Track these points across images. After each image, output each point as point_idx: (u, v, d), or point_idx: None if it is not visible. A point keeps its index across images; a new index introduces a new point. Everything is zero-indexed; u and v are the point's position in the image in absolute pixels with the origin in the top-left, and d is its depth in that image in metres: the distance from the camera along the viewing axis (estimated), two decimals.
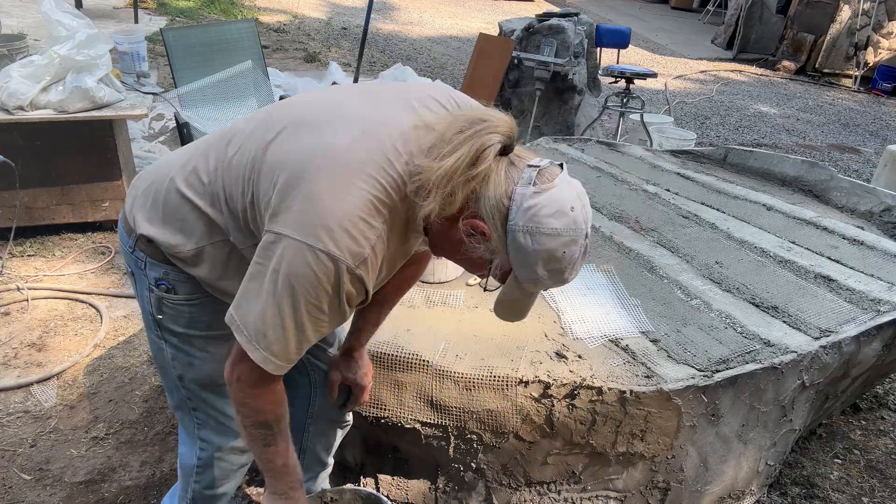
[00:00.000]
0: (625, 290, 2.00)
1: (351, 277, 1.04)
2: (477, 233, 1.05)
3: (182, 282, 1.25)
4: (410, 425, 1.71)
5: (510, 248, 1.04)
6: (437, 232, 1.11)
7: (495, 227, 1.04)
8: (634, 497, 1.78)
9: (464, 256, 1.11)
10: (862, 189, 2.70)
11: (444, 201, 1.03)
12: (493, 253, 1.07)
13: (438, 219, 1.06)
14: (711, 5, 12.56)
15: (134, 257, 1.26)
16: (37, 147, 3.10)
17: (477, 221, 1.05)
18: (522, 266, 1.06)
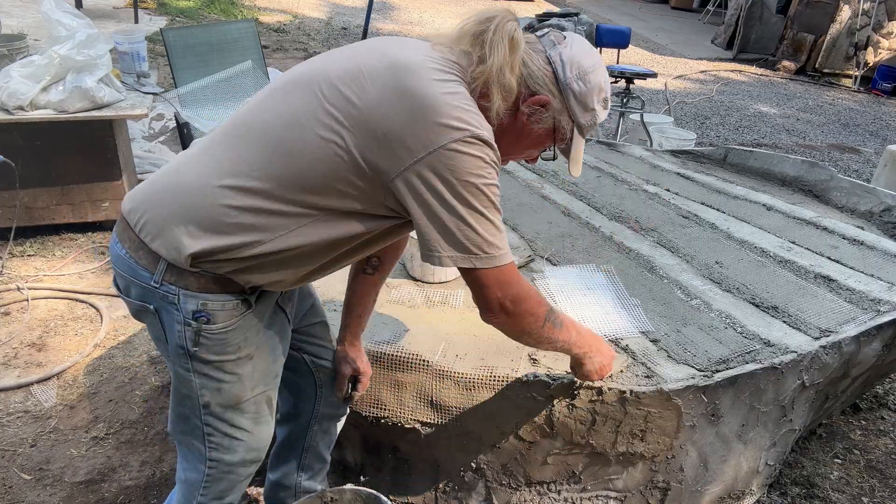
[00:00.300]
0: (625, 290, 2.00)
1: (490, 146, 1.12)
2: (539, 105, 1.20)
3: (220, 310, 1.20)
4: (410, 425, 1.71)
5: (570, 102, 1.21)
6: (505, 128, 1.21)
7: (551, 91, 1.20)
8: (634, 497, 1.78)
9: (532, 138, 1.24)
10: (862, 189, 2.70)
11: (505, 94, 1.15)
12: (558, 115, 1.21)
13: (502, 114, 1.18)
14: (711, 5, 12.56)
15: (161, 292, 1.19)
16: (37, 147, 3.10)
17: (537, 97, 1.19)
18: (584, 110, 1.22)
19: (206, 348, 1.23)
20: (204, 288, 1.19)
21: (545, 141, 1.26)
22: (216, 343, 1.23)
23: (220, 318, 1.21)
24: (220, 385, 1.27)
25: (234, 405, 1.31)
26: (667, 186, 2.82)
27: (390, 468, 1.86)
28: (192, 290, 1.18)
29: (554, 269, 2.11)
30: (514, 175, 2.87)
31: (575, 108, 1.21)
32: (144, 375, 2.49)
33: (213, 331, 1.21)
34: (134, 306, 1.26)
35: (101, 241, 3.38)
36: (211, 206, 1.15)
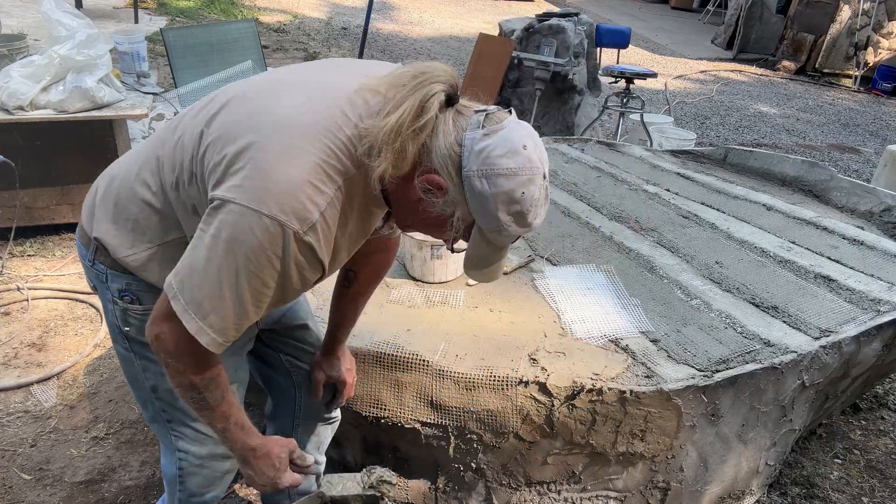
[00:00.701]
0: (625, 289, 2.00)
1: (299, 245, 1.00)
2: (433, 187, 1.02)
3: (145, 291, 1.20)
4: (410, 425, 1.71)
5: (469, 197, 1.02)
6: (394, 195, 1.08)
7: (450, 176, 1.02)
8: (634, 497, 1.78)
9: (426, 218, 1.07)
10: (862, 189, 2.70)
11: (395, 159, 1.00)
12: (454, 206, 1.04)
13: (393, 179, 1.02)
14: (711, 5, 12.56)
15: (95, 271, 1.23)
16: (37, 147, 3.10)
17: (432, 176, 1.02)
18: (484, 214, 1.02)
19: (137, 329, 1.23)
20: (134, 269, 1.19)
21: (444, 229, 1.08)
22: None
23: (146, 299, 1.21)
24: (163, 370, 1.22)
25: None
26: (667, 186, 2.82)
27: (390, 468, 1.86)
28: (117, 270, 1.20)
29: (554, 269, 2.11)
30: None
31: (473, 207, 1.02)
32: None
33: (140, 312, 1.22)
34: (91, 290, 1.31)
35: None
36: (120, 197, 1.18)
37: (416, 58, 8.08)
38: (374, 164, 1.01)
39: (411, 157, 1.01)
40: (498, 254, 1.11)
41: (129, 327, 1.24)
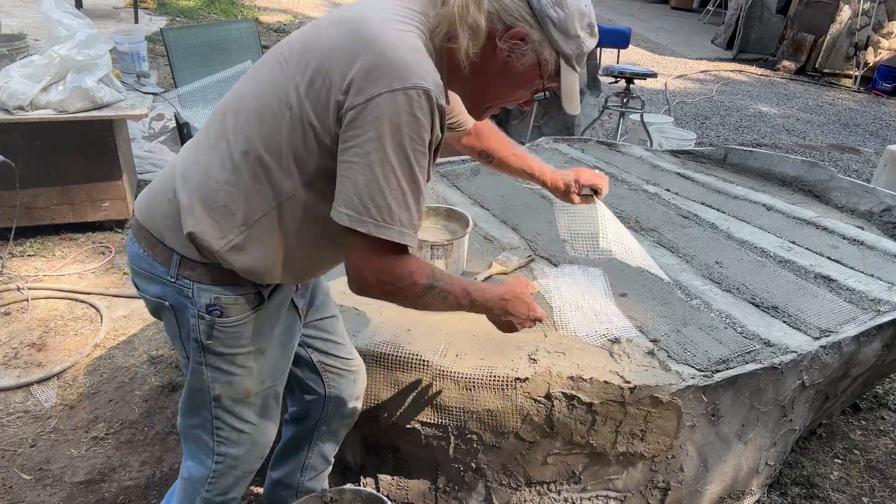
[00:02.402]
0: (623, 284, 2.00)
1: (436, 107, 1.07)
2: (517, 40, 1.12)
3: (232, 304, 1.23)
4: (410, 425, 1.71)
5: (549, 31, 1.13)
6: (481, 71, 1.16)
7: (528, 22, 1.12)
8: (634, 497, 1.78)
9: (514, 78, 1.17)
10: (862, 189, 2.70)
11: (471, 32, 1.10)
12: (539, 48, 1.14)
13: (476, 55, 1.12)
14: (711, 5, 12.56)
15: (178, 287, 1.22)
16: (37, 147, 3.10)
17: (513, 30, 1.12)
18: (566, 38, 1.14)
19: (220, 341, 1.25)
20: (217, 281, 1.21)
21: (532, 79, 1.19)
22: (229, 336, 1.25)
23: (232, 311, 1.23)
24: (231, 378, 1.30)
25: (244, 398, 1.33)
26: (667, 186, 2.82)
27: (390, 468, 1.86)
28: (205, 283, 1.21)
29: (554, 269, 2.11)
30: None
31: (556, 37, 1.14)
32: (144, 375, 2.49)
33: (225, 324, 1.24)
34: (152, 304, 1.29)
35: (101, 241, 3.39)
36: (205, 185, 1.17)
37: None
38: (455, 44, 1.11)
39: (484, 26, 1.11)
40: (577, 80, 1.22)
41: (212, 340, 1.25)
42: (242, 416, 1.35)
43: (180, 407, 1.38)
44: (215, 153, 1.18)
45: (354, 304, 1.86)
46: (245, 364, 1.30)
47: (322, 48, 1.10)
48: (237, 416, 1.35)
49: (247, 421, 1.36)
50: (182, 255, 1.20)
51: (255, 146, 1.14)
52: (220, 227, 1.17)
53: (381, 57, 1.04)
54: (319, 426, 1.63)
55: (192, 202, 1.18)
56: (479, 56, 1.13)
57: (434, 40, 1.13)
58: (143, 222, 1.25)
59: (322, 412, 1.61)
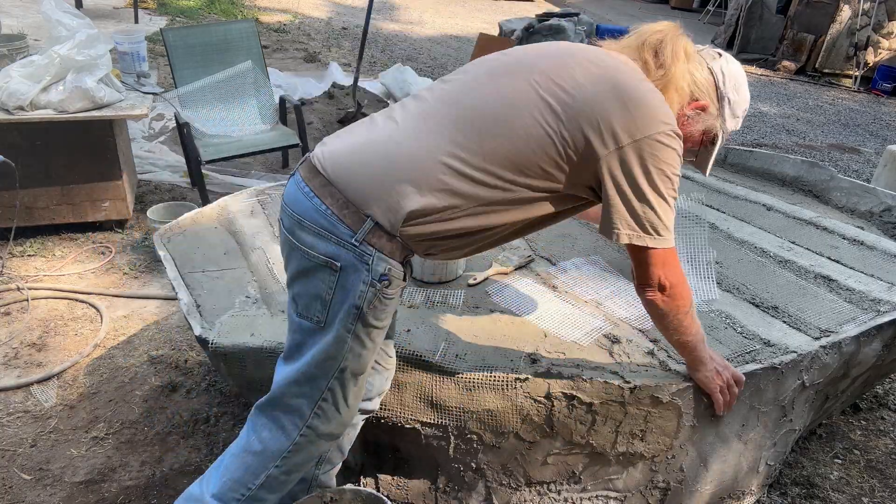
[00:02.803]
0: (624, 279, 2.00)
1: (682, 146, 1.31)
2: (699, 109, 1.40)
3: (397, 277, 1.30)
4: (410, 425, 1.71)
5: (724, 108, 1.42)
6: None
7: (711, 98, 1.41)
8: (634, 497, 1.78)
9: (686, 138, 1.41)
10: (862, 189, 2.70)
11: (679, 97, 1.37)
12: (712, 120, 1.42)
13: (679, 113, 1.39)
14: (711, 5, 12.56)
15: (360, 251, 1.26)
16: (37, 147, 3.10)
17: (698, 102, 1.40)
18: (733, 118, 1.44)
19: (376, 311, 1.31)
20: (392, 253, 1.28)
21: (696, 143, 1.46)
22: (383, 308, 1.32)
23: (394, 284, 1.31)
24: (363, 352, 1.35)
25: (359, 374, 1.39)
26: None
27: (390, 468, 1.86)
28: (384, 253, 1.27)
29: (553, 267, 2.11)
30: None
31: (727, 114, 1.42)
32: (144, 375, 2.49)
33: (387, 295, 1.31)
34: (315, 261, 1.30)
35: (101, 241, 3.39)
36: (432, 174, 1.26)
37: (416, 58, 8.08)
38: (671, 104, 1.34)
39: (688, 93, 1.39)
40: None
41: (371, 309, 1.30)
42: (348, 391, 1.40)
43: (289, 374, 1.38)
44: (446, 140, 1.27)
45: None
46: (375, 339, 1.36)
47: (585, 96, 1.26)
48: (345, 391, 1.39)
49: (346, 398, 1.41)
50: (377, 223, 1.25)
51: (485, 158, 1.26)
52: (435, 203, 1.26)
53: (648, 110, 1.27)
54: None
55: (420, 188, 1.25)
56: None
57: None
58: (339, 181, 1.27)
59: None
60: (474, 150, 1.26)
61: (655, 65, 1.35)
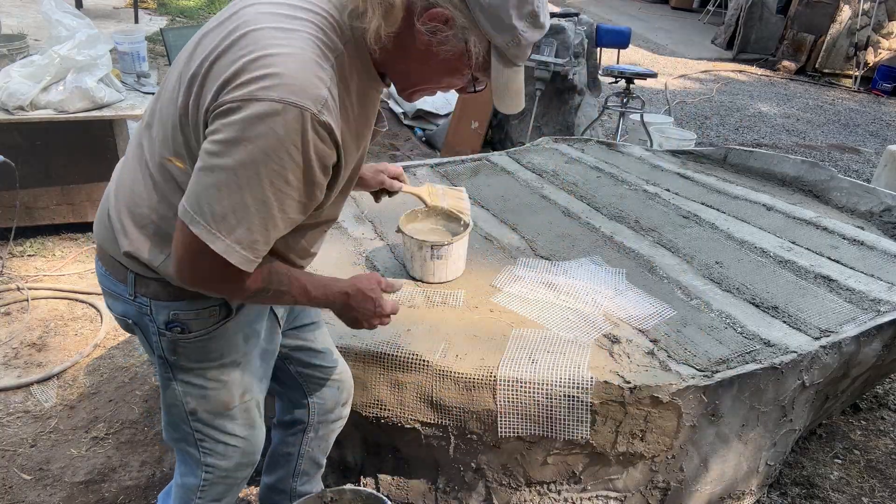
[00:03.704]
0: (623, 280, 2.00)
1: (316, 127, 0.95)
2: (439, 22, 0.98)
3: (194, 319, 1.18)
4: (410, 425, 1.71)
5: (477, 17, 0.98)
6: (397, 56, 1.04)
7: (452, 2, 0.98)
8: (634, 497, 1.78)
9: (438, 64, 1.03)
10: (862, 189, 2.70)
11: (384, 11, 0.97)
12: (465, 34, 1.00)
13: (392, 35, 0.99)
14: (711, 5, 12.56)
15: (137, 305, 1.17)
16: (37, 147, 3.10)
17: (434, 10, 0.98)
18: (499, 27, 0.99)
19: (185, 357, 1.21)
20: (175, 296, 1.15)
21: (460, 68, 1.05)
22: (195, 351, 1.21)
23: (195, 326, 1.19)
24: (205, 392, 1.26)
25: (222, 412, 1.30)
26: (667, 186, 2.82)
27: (390, 468, 1.86)
28: (162, 299, 1.16)
29: (553, 266, 2.11)
30: (515, 175, 2.87)
31: (485, 24, 0.99)
32: (144, 375, 2.49)
33: (189, 339, 1.19)
34: (121, 322, 1.27)
35: None
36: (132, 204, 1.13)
37: None
38: (365, 24, 0.98)
39: (399, 5, 0.98)
40: (518, 75, 1.07)
41: (177, 356, 1.21)
42: (225, 429, 1.32)
43: (162, 421, 1.35)
44: (138, 171, 1.13)
45: None
46: (218, 378, 1.25)
47: (209, 47, 1.01)
48: (219, 430, 1.31)
49: (231, 434, 1.33)
50: (136, 273, 1.15)
51: (164, 157, 1.08)
52: (153, 242, 1.11)
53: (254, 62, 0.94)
54: (307, 432, 1.62)
55: (123, 221, 1.13)
56: (397, 37, 1.01)
57: (344, 25, 1.01)
58: (98, 241, 1.21)
59: (308, 419, 1.60)
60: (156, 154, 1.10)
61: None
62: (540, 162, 3.04)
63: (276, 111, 0.91)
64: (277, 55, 0.94)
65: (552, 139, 3.34)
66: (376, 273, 1.30)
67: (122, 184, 1.16)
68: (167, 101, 1.09)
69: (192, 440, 1.33)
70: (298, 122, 0.93)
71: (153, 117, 1.13)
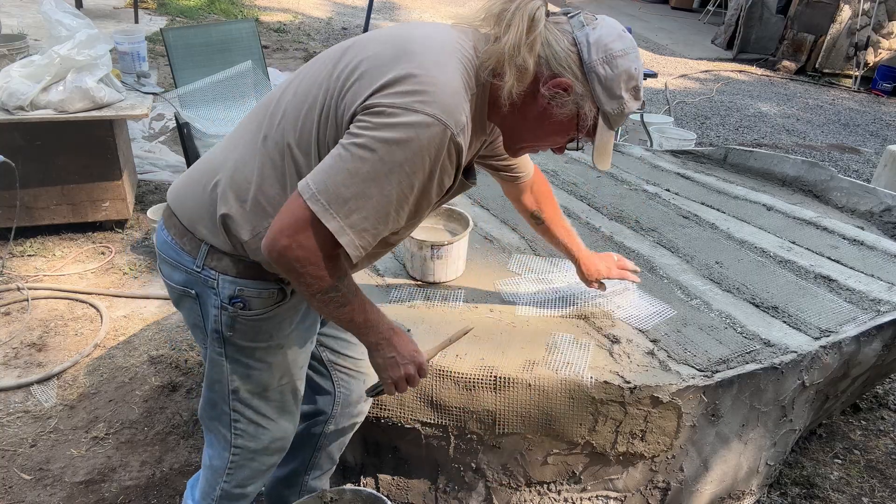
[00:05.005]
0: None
1: (450, 146, 1.07)
2: (560, 89, 1.13)
3: (255, 297, 1.24)
4: (410, 425, 1.71)
5: (594, 86, 1.14)
6: (518, 113, 1.17)
7: (574, 74, 1.13)
8: (634, 497, 1.78)
9: (551, 125, 1.18)
10: (862, 189, 2.70)
11: (518, 73, 1.10)
12: (580, 101, 1.14)
13: (519, 95, 1.13)
14: (711, 5, 12.55)
15: (202, 276, 1.23)
16: (37, 147, 3.10)
17: (558, 80, 1.13)
18: (609, 97, 1.15)
19: (241, 334, 1.27)
20: (242, 274, 1.22)
21: (569, 129, 1.20)
22: (250, 329, 1.26)
23: (255, 304, 1.25)
24: (250, 372, 1.31)
25: (261, 392, 1.34)
26: (667, 186, 2.82)
27: (390, 468, 1.86)
28: (230, 275, 1.22)
29: (554, 265, 2.11)
30: None
31: (600, 94, 1.14)
32: (144, 375, 2.49)
33: (248, 316, 1.25)
34: (176, 292, 1.30)
35: (101, 240, 3.38)
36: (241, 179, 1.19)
37: None
38: (501, 81, 1.12)
39: (532, 70, 1.11)
40: (612, 137, 1.23)
41: (234, 332, 1.27)
42: (260, 410, 1.36)
43: (201, 399, 1.40)
44: (252, 149, 1.19)
45: None
46: (264, 359, 1.31)
47: (365, 55, 1.11)
48: (255, 410, 1.36)
49: (265, 415, 1.37)
50: (211, 245, 1.22)
51: (289, 143, 1.15)
52: (250, 218, 1.18)
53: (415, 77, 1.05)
54: (328, 424, 1.63)
55: (226, 193, 1.19)
56: (522, 97, 1.14)
57: (480, 74, 1.13)
58: (176, 210, 1.26)
59: (332, 410, 1.62)
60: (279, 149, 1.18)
61: (493, 37, 1.13)
62: (540, 162, 3.04)
63: (427, 124, 1.03)
64: (435, 77, 1.06)
65: None
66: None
67: (233, 162, 1.21)
68: (306, 89, 1.16)
69: (227, 420, 1.37)
70: (440, 137, 1.05)
71: (281, 100, 1.19)
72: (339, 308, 1.18)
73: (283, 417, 1.41)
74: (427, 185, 1.10)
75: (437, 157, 1.07)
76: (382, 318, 1.25)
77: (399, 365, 1.26)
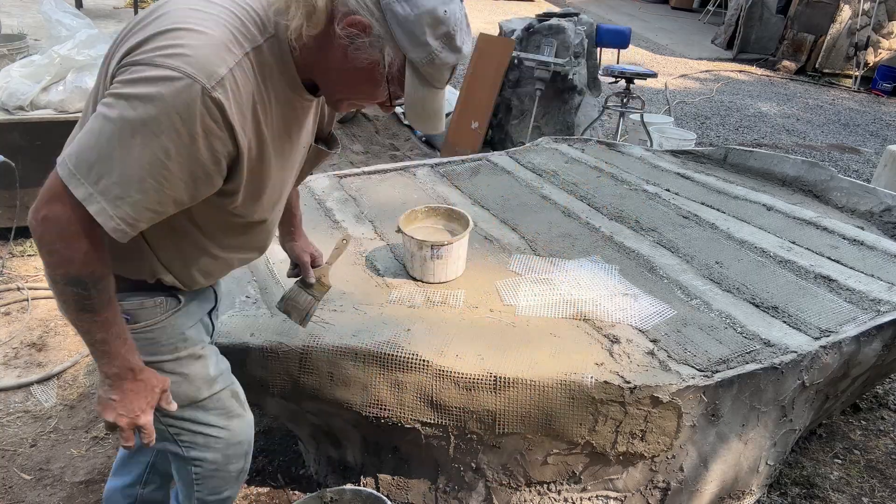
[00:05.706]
0: (625, 280, 2.00)
1: (206, 103, 0.94)
2: (357, 29, 0.99)
3: (138, 308, 1.17)
4: (410, 425, 1.71)
5: (394, 29, 0.99)
6: (318, 59, 1.05)
7: (371, 11, 0.99)
8: (634, 497, 1.78)
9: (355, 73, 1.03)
10: (862, 189, 2.70)
11: (306, 10, 0.98)
12: (381, 44, 1.00)
13: (311, 38, 1.01)
14: (711, 5, 12.56)
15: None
16: (37, 147, 3.10)
17: (353, 17, 0.99)
18: (414, 43, 1.00)
19: (140, 349, 1.15)
20: (117, 287, 1.10)
21: (376, 78, 1.04)
22: (145, 343, 1.18)
23: (141, 316, 1.18)
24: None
25: (192, 404, 1.28)
26: (667, 186, 2.82)
27: (390, 468, 1.86)
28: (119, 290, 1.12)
29: (553, 266, 2.11)
30: (514, 175, 2.87)
31: (400, 38, 0.99)
32: None
33: (137, 330, 1.17)
34: None
35: None
36: None
37: None
38: (287, 20, 0.99)
39: (322, 8, 0.99)
40: (436, 97, 1.07)
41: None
42: (199, 419, 1.30)
43: None
44: None
45: (354, 304, 1.86)
46: (176, 370, 1.24)
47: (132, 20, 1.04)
48: (193, 421, 1.30)
49: (209, 424, 1.31)
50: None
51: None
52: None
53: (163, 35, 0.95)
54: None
55: None
56: (317, 40, 1.02)
57: (271, 21, 1.02)
58: None
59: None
60: None
61: None
62: (540, 162, 3.04)
63: (169, 77, 0.92)
64: (187, 30, 0.95)
65: (552, 139, 3.34)
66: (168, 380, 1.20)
67: None
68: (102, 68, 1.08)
69: (167, 436, 1.31)
70: (187, 92, 0.93)
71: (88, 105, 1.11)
72: (80, 312, 1.04)
73: (233, 422, 1.35)
74: (191, 149, 0.96)
75: (189, 115, 0.93)
76: (130, 356, 1.10)
77: (114, 411, 1.11)
